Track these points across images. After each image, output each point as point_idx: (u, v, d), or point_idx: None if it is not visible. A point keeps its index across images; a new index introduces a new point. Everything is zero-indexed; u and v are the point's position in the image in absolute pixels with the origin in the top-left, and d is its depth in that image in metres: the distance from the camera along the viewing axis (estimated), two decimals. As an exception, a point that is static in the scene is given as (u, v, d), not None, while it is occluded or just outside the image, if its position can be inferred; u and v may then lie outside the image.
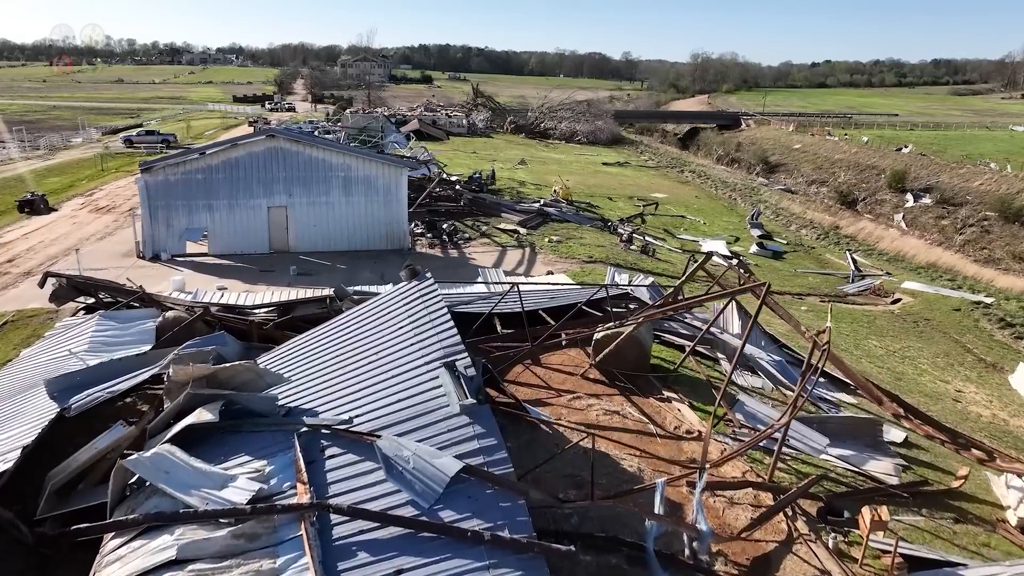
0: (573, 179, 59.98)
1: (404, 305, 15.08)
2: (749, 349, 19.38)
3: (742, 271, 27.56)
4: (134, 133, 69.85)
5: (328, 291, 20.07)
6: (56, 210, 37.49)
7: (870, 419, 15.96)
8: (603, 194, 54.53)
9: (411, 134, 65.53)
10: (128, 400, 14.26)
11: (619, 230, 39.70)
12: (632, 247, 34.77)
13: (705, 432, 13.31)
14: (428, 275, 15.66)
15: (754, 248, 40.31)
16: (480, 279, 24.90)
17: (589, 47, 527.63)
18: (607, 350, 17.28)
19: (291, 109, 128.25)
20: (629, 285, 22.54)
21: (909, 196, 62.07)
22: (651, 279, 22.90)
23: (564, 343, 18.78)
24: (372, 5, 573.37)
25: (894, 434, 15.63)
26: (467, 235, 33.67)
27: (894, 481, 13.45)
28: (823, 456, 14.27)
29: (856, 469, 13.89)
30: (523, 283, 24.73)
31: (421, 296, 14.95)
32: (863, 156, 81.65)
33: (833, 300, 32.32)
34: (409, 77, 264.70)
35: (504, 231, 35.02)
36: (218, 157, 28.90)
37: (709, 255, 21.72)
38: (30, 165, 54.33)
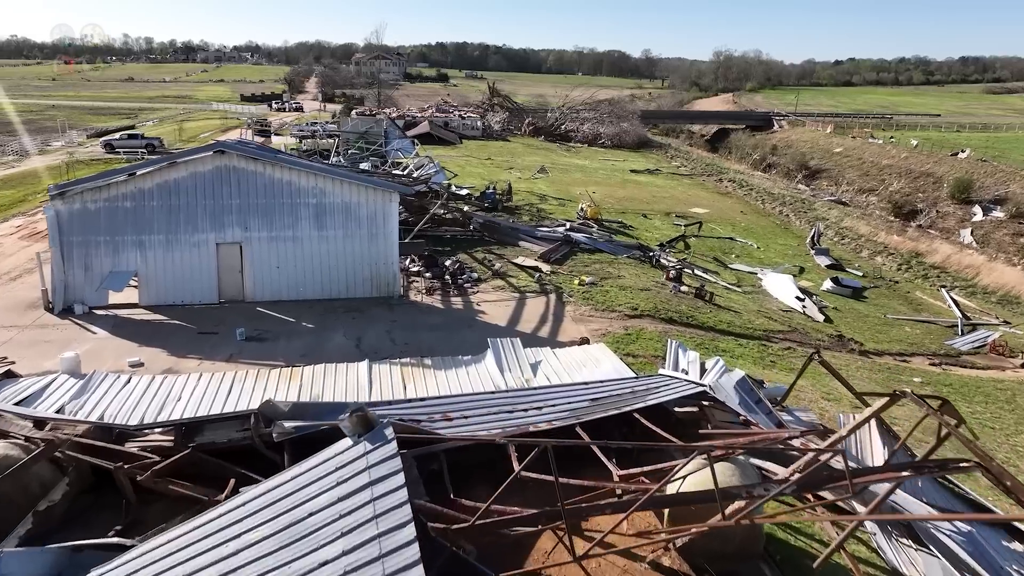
0: (600, 191, 52.87)
1: (338, 494, 8.21)
2: (905, 499, 12.28)
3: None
4: (115, 137, 63.61)
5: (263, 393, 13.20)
6: (-17, 235, 31.10)
7: None
8: (635, 209, 47.37)
9: (415, 140, 58.63)
10: None
11: (662, 260, 32.56)
12: (683, 289, 27.63)
13: None
14: (387, 429, 8.77)
15: (827, 284, 32.98)
16: (490, 357, 17.93)
17: (608, 45, 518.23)
18: (695, 531, 10.22)
19: (298, 109, 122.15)
20: (706, 381, 15.44)
21: (977, 208, 54.43)
22: (736, 370, 15.83)
23: (618, 497, 11.77)
24: (391, 3, 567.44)
25: None
26: (475, 274, 26.69)
27: None
28: None
29: None
30: (548, 362, 17.78)
31: (370, 476, 8.07)
32: (915, 162, 73.86)
33: (946, 362, 25.03)
34: (424, 75, 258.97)
35: (523, 268, 28.01)
36: (152, 179, 22.18)
37: (814, 354, 14.58)
38: (-13, 175, 48.24)
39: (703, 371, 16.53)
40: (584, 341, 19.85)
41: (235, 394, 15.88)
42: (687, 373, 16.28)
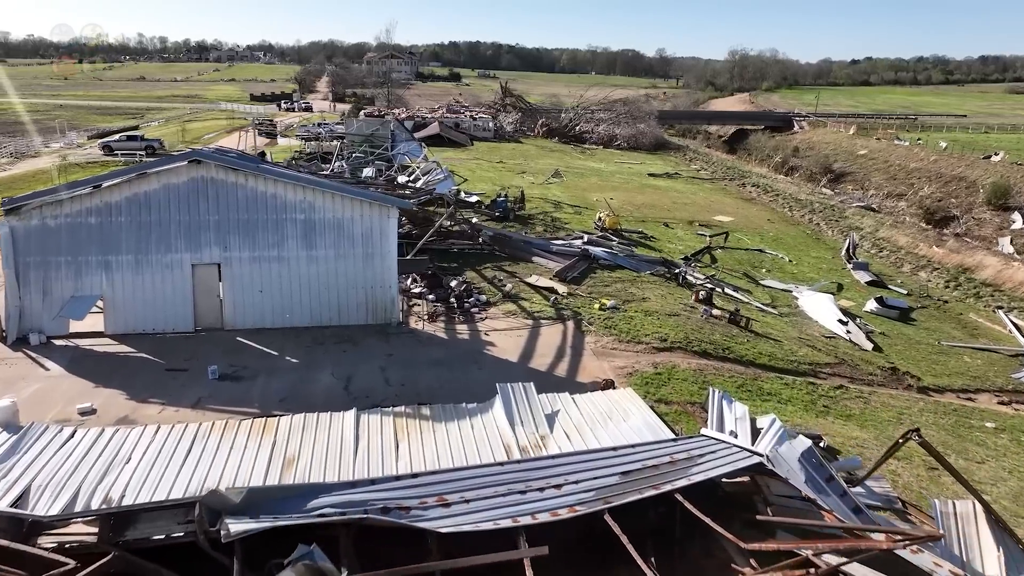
0: (617, 197, 50.01)
1: None
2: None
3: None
4: (114, 138, 61.48)
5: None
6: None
7: None
8: (656, 217, 44.49)
9: (422, 143, 55.98)
10: None
11: (687, 277, 29.71)
12: (715, 313, 24.79)
13: None
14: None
15: (871, 305, 29.97)
16: (499, 407, 15.24)
17: (622, 44, 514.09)
18: None
19: (308, 109, 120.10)
20: (762, 449, 12.64)
21: (1016, 216, 51.18)
22: (800, 438, 13.01)
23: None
24: (405, 3, 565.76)
25: None
26: (484, 296, 23.97)
27: None
28: None
29: None
30: (566, 412, 15.09)
31: None
32: (945, 165, 70.58)
33: (1017, 399, 22.02)
34: (437, 75, 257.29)
35: (537, 288, 25.27)
36: (120, 192, 19.65)
37: (910, 434, 11.72)
38: (-24, 179, 46.09)
39: (754, 431, 13.75)
40: (608, 385, 17.09)
41: (194, 456, 13.33)
42: (735, 435, 13.49)
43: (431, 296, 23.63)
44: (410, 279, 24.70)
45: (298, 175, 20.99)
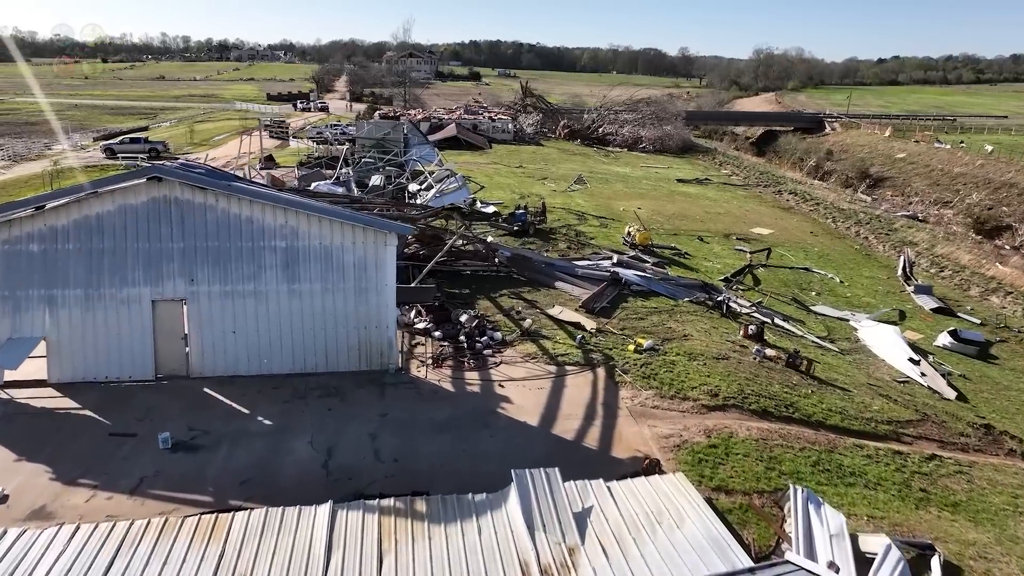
0: (646, 206, 46.39)
1: None
2: None
3: None
4: (116, 140, 58.95)
5: None
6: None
7: None
8: (689, 229, 40.80)
9: (436, 148, 52.63)
10: None
11: (730, 304, 26.04)
12: (769, 354, 21.14)
13: None
14: None
15: (944, 339, 26.11)
16: (514, 502, 11.85)
17: (644, 43, 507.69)
18: None
19: (324, 109, 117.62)
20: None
21: (1086, 229, 46.89)
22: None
23: None
24: (426, 1, 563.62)
25: None
26: (499, 333, 20.53)
27: None
28: None
29: None
30: (600, 512, 11.71)
31: None
32: (993, 170, 65.99)
33: None
34: (456, 74, 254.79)
35: (561, 323, 21.78)
36: (68, 214, 16.50)
37: None
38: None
39: (857, 554, 10.20)
40: (653, 467, 13.60)
41: (115, 574, 10.10)
42: (836, 568, 9.93)
43: (437, 333, 20.25)
44: (414, 311, 21.36)
45: (278, 195, 17.70)
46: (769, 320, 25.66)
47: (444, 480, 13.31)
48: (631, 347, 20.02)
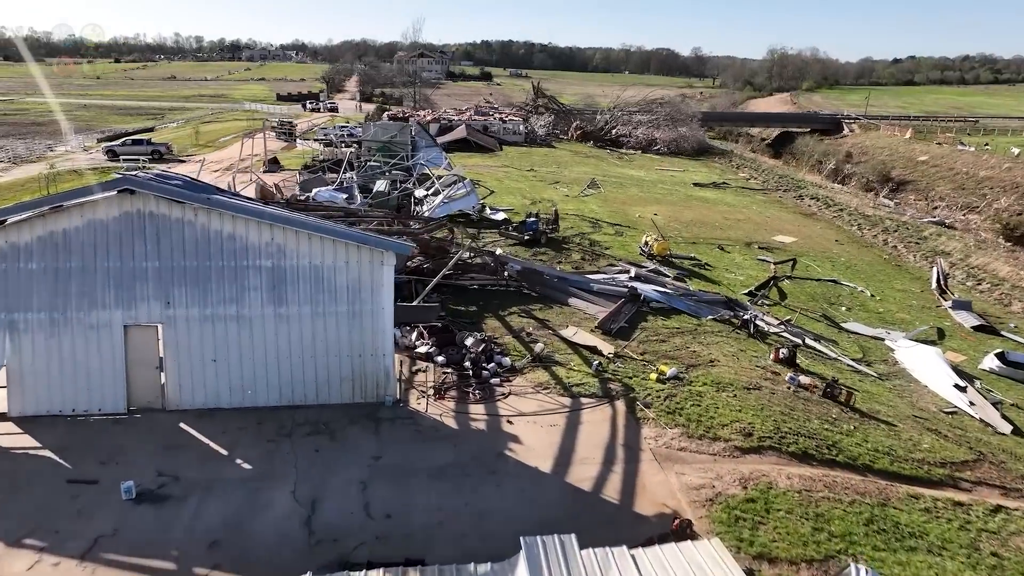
0: (662, 211, 44.51)
1: None
2: None
3: None
4: (117, 142, 57.67)
5: None
6: None
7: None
8: (708, 237, 38.88)
9: (443, 152, 50.89)
10: None
11: (759, 323, 24.14)
12: (803, 382, 19.26)
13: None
14: None
15: (990, 362, 24.10)
16: (523, 569, 10.08)
17: (656, 43, 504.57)
18: None
19: (333, 109, 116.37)
20: None
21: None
22: None
23: None
24: (438, 1, 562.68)
25: None
26: (508, 359, 18.76)
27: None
28: None
29: None
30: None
31: None
32: (1021, 174, 63.65)
33: None
34: (468, 74, 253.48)
35: (575, 346, 19.98)
36: (31, 230, 14.90)
37: None
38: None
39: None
40: (684, 528, 11.78)
41: None
42: None
43: (441, 358, 18.52)
44: (415, 333, 19.63)
45: (263, 209, 16.00)
46: (800, 341, 23.75)
47: (443, 543, 11.59)
48: (653, 375, 18.20)
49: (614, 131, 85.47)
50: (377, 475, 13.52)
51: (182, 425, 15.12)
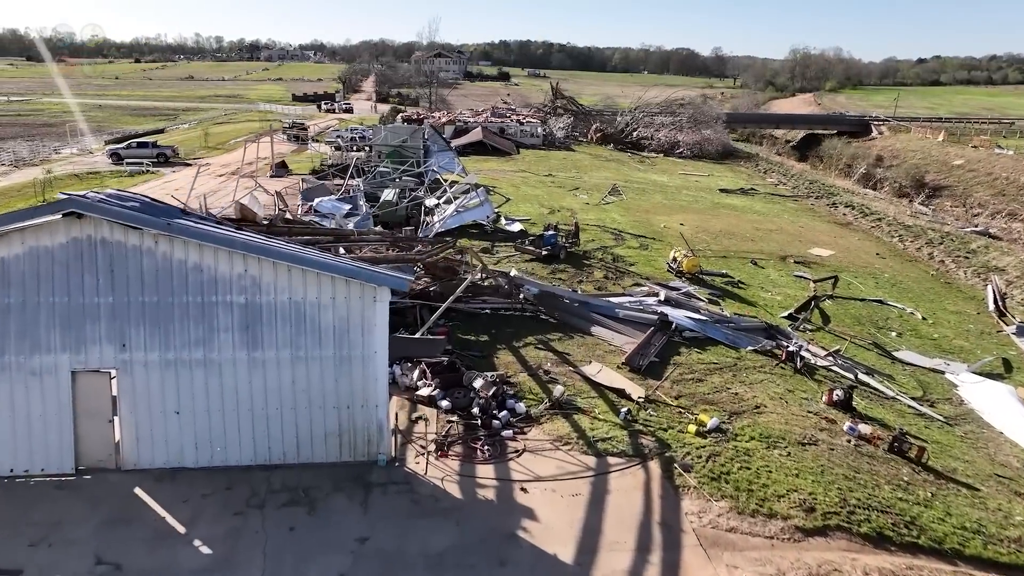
0: (688, 221, 41.81)
1: None
2: None
3: None
4: (122, 145, 55.94)
5: None
6: None
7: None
8: (739, 250, 36.12)
9: (456, 157, 48.48)
10: None
11: (804, 354, 21.41)
12: (863, 432, 16.59)
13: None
14: None
15: (1071, 403, 21.28)
16: None
17: (676, 42, 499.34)
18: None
19: (348, 110, 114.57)
20: None
21: None
22: None
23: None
24: (457, 1, 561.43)
25: None
26: (522, 404, 16.27)
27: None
28: None
29: None
30: None
31: None
32: (1069, 180, 60.28)
33: None
34: (485, 74, 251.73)
35: (600, 387, 17.46)
36: (-36, 260, 12.68)
37: None
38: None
39: None
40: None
41: None
42: None
43: (445, 403, 16.09)
44: (417, 371, 17.21)
45: (234, 236, 13.60)
46: (852, 376, 21.05)
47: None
48: (691, 427, 15.63)
49: (635, 133, 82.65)
50: (362, 564, 11.11)
51: (137, 491, 12.81)
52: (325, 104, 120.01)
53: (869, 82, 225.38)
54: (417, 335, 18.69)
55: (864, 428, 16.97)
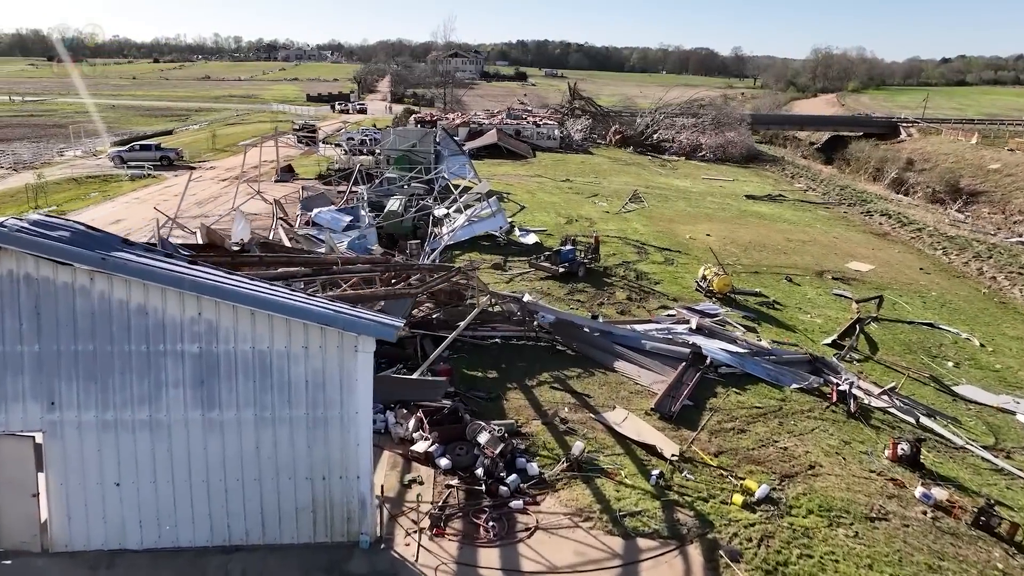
0: (715, 231, 39.19)
1: None
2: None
3: None
4: (126, 147, 54.19)
5: None
6: None
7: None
8: (772, 265, 33.45)
9: (470, 161, 46.07)
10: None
11: (856, 392, 18.76)
12: (939, 499, 13.98)
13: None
14: None
15: None
16: None
17: (695, 42, 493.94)
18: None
19: (362, 110, 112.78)
20: None
21: None
22: None
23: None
24: (475, 1, 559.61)
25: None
26: (535, 464, 13.83)
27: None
28: None
29: None
30: None
31: None
32: (1117, 187, 56.85)
33: None
34: (502, 74, 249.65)
35: (626, 440, 14.96)
36: None
37: None
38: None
39: None
40: None
41: None
42: None
43: (444, 461, 13.68)
44: (413, 420, 14.81)
45: (182, 274, 11.14)
46: (913, 420, 18.40)
47: None
48: (737, 497, 13.09)
49: (655, 136, 79.86)
50: None
51: (66, 581, 10.54)
52: (339, 105, 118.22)
53: (892, 82, 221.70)
54: (416, 374, 16.29)
55: (939, 493, 14.35)
